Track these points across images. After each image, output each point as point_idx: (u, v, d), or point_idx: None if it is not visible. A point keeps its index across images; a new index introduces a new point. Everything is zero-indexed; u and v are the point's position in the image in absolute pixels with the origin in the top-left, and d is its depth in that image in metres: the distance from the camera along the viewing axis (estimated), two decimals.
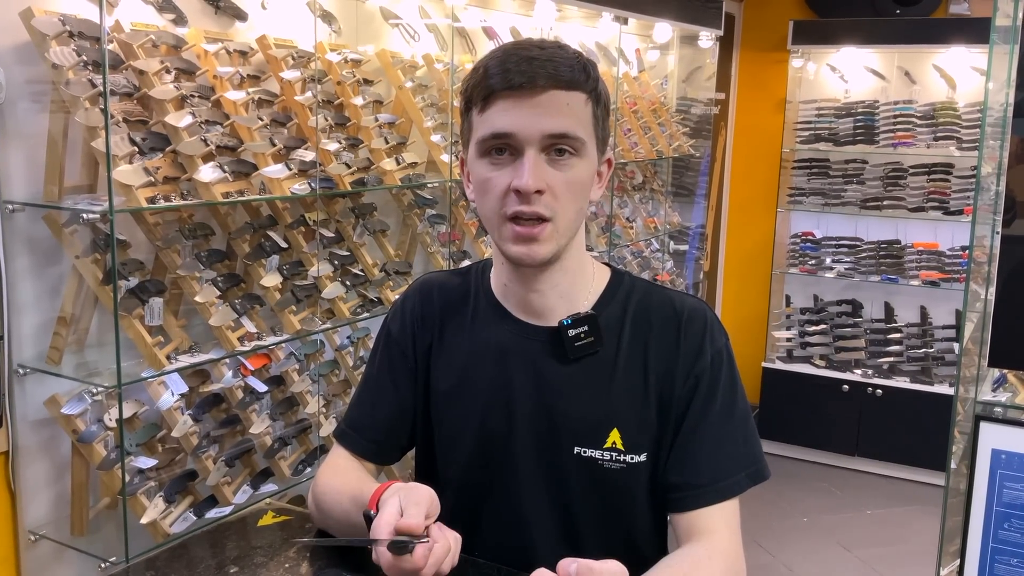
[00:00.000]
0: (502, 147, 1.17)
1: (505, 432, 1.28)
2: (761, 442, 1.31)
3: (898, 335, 5.07)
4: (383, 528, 1.06)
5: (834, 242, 5.20)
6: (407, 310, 1.39)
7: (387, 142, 2.71)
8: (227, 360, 2.30)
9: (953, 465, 1.95)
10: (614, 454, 1.24)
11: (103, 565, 2.02)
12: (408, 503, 1.08)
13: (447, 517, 1.35)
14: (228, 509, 2.26)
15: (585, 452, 1.25)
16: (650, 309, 1.29)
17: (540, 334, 1.28)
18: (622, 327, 1.27)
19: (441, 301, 1.37)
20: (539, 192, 1.15)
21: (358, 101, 2.65)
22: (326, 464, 1.39)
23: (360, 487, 1.23)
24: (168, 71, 2.11)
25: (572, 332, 1.25)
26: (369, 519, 1.13)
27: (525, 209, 1.16)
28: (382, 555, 1.05)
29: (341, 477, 1.33)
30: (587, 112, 1.18)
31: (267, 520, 1.44)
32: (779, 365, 5.18)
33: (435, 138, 2.89)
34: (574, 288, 1.28)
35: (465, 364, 1.32)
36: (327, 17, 2.59)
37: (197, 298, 2.19)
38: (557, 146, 1.16)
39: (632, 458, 1.24)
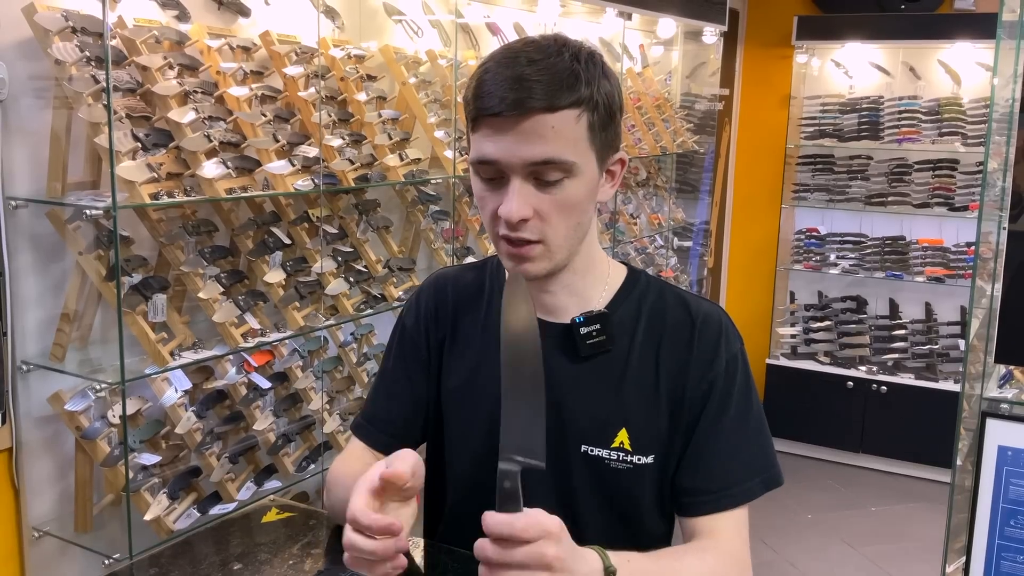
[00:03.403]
0: (490, 170, 1.14)
1: None
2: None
3: (903, 331, 5.06)
4: (364, 482, 1.03)
5: (839, 238, 5.19)
6: (421, 304, 1.39)
7: (390, 138, 2.71)
8: (230, 356, 2.30)
9: (959, 462, 1.94)
10: (621, 454, 1.23)
11: (107, 562, 2.02)
12: (394, 458, 1.06)
13: (454, 513, 1.35)
14: (232, 506, 2.26)
15: (592, 451, 1.24)
16: (665, 310, 1.28)
17: (551, 331, 1.27)
18: (635, 327, 1.26)
19: (455, 296, 1.37)
20: (525, 219, 1.13)
21: (361, 97, 2.64)
22: (341, 453, 1.40)
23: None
24: (171, 67, 2.10)
25: (584, 330, 1.24)
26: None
27: (512, 235, 1.14)
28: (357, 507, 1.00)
29: (350, 465, 1.33)
30: (580, 128, 1.11)
31: (271, 517, 1.43)
32: (783, 362, 5.17)
33: (439, 134, 2.88)
34: (586, 287, 1.27)
35: (477, 360, 1.32)
36: (330, 13, 2.58)
37: (200, 294, 2.18)
38: (544, 171, 1.12)
39: (639, 459, 1.23)
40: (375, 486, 1.02)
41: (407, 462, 1.04)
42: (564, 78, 1.09)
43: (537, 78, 1.08)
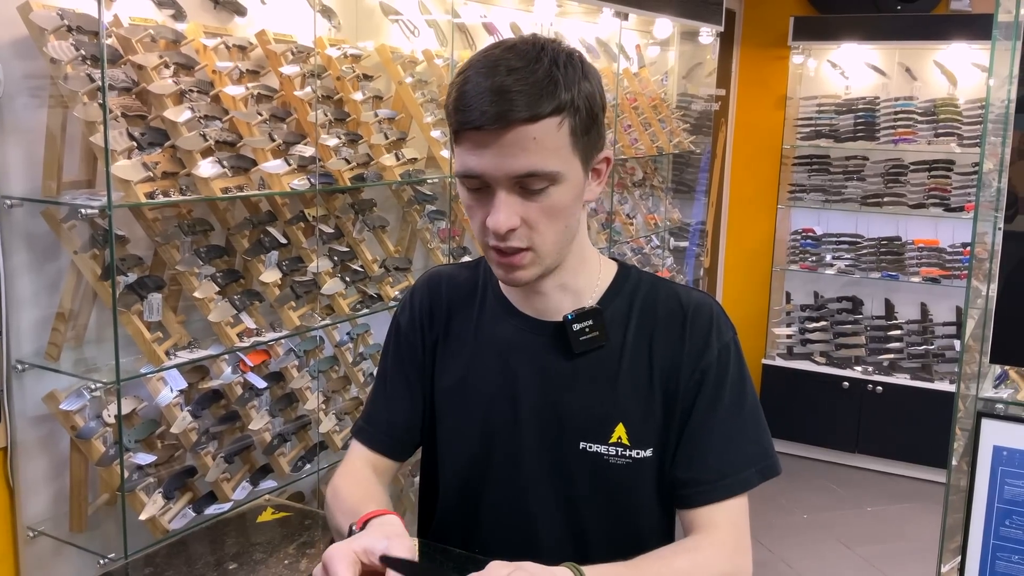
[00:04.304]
0: (475, 182, 1.14)
1: (510, 427, 1.27)
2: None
3: (898, 332, 5.06)
4: (351, 555, 1.02)
5: (834, 239, 5.20)
6: (415, 303, 1.38)
7: (387, 138, 2.70)
8: (226, 356, 2.30)
9: (954, 462, 1.94)
10: (620, 449, 1.23)
11: (102, 561, 2.01)
12: (392, 540, 1.03)
13: (449, 513, 1.35)
14: (227, 506, 2.25)
15: (591, 447, 1.24)
16: (656, 303, 1.28)
17: (545, 329, 1.27)
18: (628, 321, 1.27)
19: (449, 295, 1.37)
20: (513, 229, 1.13)
21: (357, 96, 2.64)
22: (342, 464, 1.38)
23: (363, 503, 1.21)
24: (167, 66, 2.10)
25: (576, 327, 1.24)
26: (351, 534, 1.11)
27: (501, 245, 1.15)
28: None
29: (348, 486, 1.31)
30: (562, 135, 1.11)
31: (266, 516, 1.43)
32: (779, 362, 5.17)
33: (435, 134, 2.88)
34: (578, 284, 1.27)
35: (470, 359, 1.32)
36: (327, 12, 2.58)
37: (196, 294, 2.18)
38: (528, 182, 1.12)
39: (638, 453, 1.24)
40: (365, 561, 1.01)
41: (405, 547, 1.03)
42: (544, 86, 1.08)
43: (517, 88, 1.07)
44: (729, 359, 1.26)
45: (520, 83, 1.08)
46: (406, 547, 1.03)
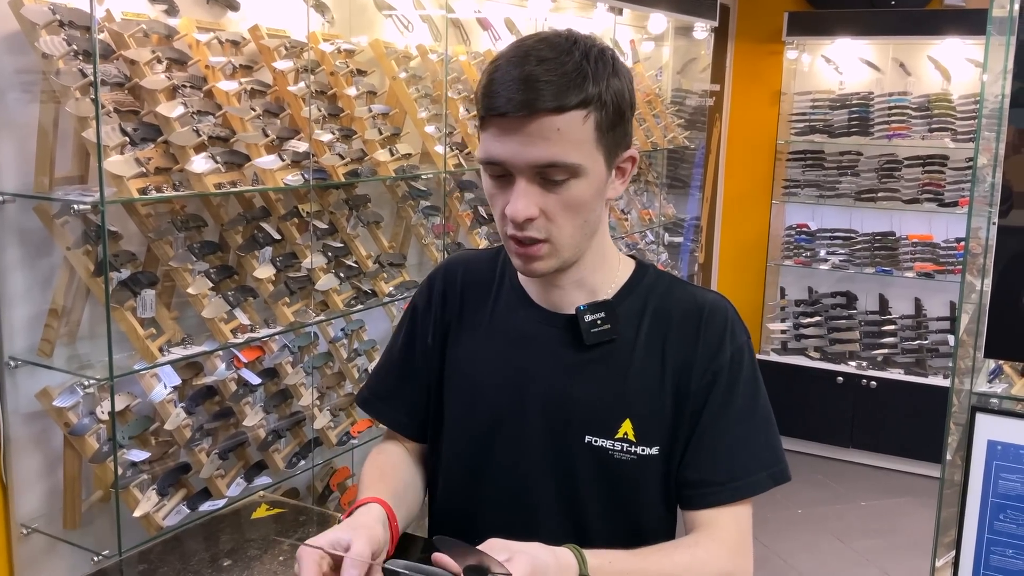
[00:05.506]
0: (497, 169, 1.15)
1: (515, 416, 1.27)
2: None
3: (892, 327, 5.08)
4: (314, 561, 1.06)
5: (829, 234, 5.21)
6: (434, 288, 1.40)
7: (381, 133, 2.70)
8: (220, 352, 2.29)
9: (948, 456, 1.95)
10: (625, 445, 1.23)
11: (96, 558, 2.01)
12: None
13: (449, 499, 1.36)
14: (222, 502, 2.25)
15: (596, 441, 1.24)
16: (672, 303, 1.28)
17: (558, 321, 1.27)
18: (641, 319, 1.27)
19: (464, 281, 1.37)
20: (531, 219, 1.14)
21: (351, 92, 2.63)
22: (382, 438, 1.45)
23: (369, 487, 1.25)
24: (160, 61, 2.09)
25: (588, 318, 1.24)
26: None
27: (519, 234, 1.15)
28: None
29: (371, 464, 1.36)
30: (586, 129, 1.11)
31: (261, 513, 1.43)
32: (774, 357, 5.18)
33: (429, 129, 2.87)
34: (594, 280, 1.28)
35: (481, 346, 1.32)
36: (320, 7, 2.57)
37: (190, 290, 2.17)
38: (549, 172, 1.12)
39: (643, 450, 1.23)
40: (333, 552, 1.05)
41: (363, 538, 1.08)
42: (572, 78, 1.09)
43: (546, 79, 1.08)
44: (742, 362, 1.26)
45: (549, 73, 1.08)
46: (364, 538, 1.08)
